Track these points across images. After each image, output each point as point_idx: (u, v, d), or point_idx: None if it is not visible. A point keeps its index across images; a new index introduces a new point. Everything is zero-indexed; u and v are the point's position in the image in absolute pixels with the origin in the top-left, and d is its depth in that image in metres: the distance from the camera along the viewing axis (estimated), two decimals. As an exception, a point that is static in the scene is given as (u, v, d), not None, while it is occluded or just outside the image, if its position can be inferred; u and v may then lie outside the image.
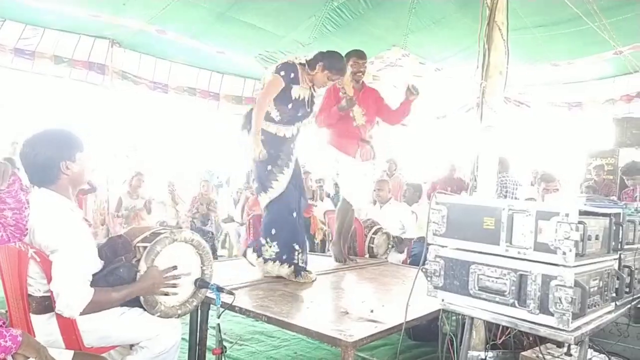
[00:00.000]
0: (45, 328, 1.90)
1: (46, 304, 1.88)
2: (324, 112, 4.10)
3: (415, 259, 5.08)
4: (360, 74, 4.12)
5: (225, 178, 10.65)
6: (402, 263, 4.97)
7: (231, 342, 3.61)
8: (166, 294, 2.10)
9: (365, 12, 5.13)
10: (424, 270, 2.20)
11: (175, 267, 2.11)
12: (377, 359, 3.47)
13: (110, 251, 2.07)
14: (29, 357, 1.52)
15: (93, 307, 1.86)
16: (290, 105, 3.35)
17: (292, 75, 3.32)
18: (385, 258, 4.74)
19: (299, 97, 3.37)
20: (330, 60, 3.38)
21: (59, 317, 1.88)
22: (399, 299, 2.74)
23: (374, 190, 5.56)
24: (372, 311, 2.53)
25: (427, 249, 2.20)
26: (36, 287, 1.89)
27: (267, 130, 3.35)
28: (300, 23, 5.38)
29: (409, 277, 3.33)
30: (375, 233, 4.72)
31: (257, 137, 3.25)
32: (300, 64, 3.39)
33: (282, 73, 3.28)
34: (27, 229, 1.73)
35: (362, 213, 5.34)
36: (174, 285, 2.11)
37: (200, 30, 5.39)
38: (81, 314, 1.84)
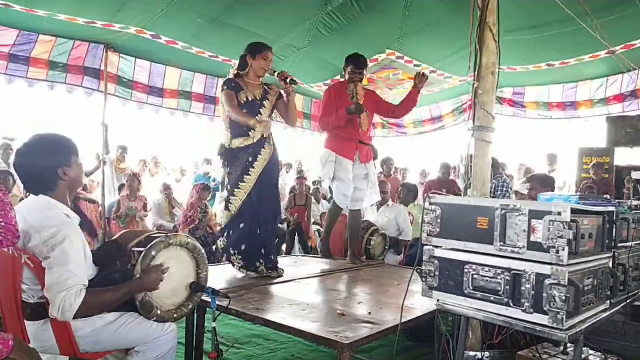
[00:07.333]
0: (40, 334, 1.89)
1: (40, 311, 1.87)
2: (329, 116, 4.11)
3: (411, 260, 5.08)
4: (358, 81, 4.23)
5: (220, 181, 10.63)
6: (399, 264, 4.97)
7: (228, 346, 3.60)
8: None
9: (360, 16, 5.15)
10: (419, 271, 2.21)
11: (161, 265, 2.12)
12: (375, 360, 3.47)
13: (105, 257, 2.07)
14: (21, 363, 1.51)
15: (88, 310, 1.85)
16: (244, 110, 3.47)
17: (234, 84, 3.52)
18: (382, 259, 4.74)
19: (248, 99, 3.52)
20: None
21: (53, 323, 1.87)
22: (395, 300, 2.74)
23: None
24: (369, 313, 2.54)
25: (422, 249, 2.20)
26: (30, 293, 1.88)
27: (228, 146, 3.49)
28: (294, 27, 5.39)
29: (405, 278, 3.33)
30: (372, 234, 4.73)
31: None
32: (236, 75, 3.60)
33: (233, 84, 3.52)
34: (18, 231, 1.71)
35: (366, 215, 5.39)
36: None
37: (193, 35, 5.40)
38: (76, 317, 1.82)
